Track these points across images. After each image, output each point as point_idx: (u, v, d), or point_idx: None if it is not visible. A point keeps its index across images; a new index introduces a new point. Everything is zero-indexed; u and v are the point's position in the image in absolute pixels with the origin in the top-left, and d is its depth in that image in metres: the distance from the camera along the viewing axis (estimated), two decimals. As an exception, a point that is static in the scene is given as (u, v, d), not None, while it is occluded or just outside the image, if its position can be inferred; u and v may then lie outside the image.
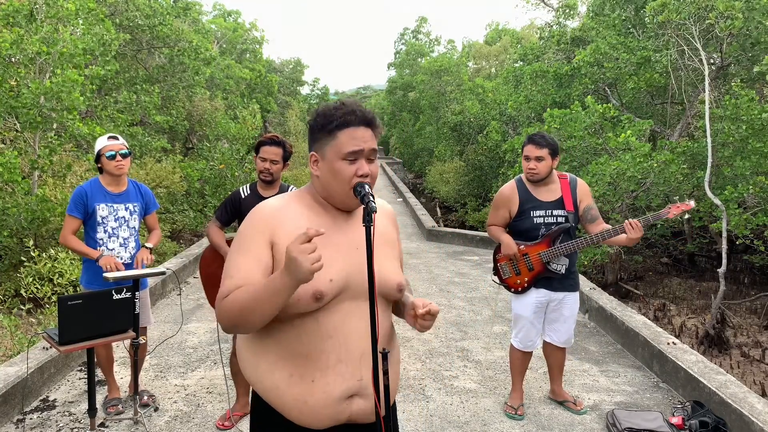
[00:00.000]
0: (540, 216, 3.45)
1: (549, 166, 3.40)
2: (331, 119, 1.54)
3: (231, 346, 3.50)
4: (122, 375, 4.23)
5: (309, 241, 1.32)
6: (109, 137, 3.48)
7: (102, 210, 3.44)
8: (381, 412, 1.43)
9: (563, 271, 3.47)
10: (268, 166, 3.33)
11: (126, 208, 3.55)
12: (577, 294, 3.60)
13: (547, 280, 3.51)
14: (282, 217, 1.55)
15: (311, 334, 1.50)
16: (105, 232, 3.46)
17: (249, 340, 1.61)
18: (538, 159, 3.37)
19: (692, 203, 3.28)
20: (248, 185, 3.48)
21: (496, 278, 3.68)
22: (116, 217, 3.50)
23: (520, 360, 3.71)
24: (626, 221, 3.19)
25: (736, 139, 6.72)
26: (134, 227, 3.60)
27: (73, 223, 3.41)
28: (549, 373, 3.87)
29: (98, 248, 3.44)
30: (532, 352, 3.70)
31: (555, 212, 3.44)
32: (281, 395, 1.52)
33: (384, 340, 1.62)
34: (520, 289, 3.54)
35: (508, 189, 3.54)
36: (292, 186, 3.53)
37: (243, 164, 12.12)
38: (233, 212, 3.45)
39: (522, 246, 3.47)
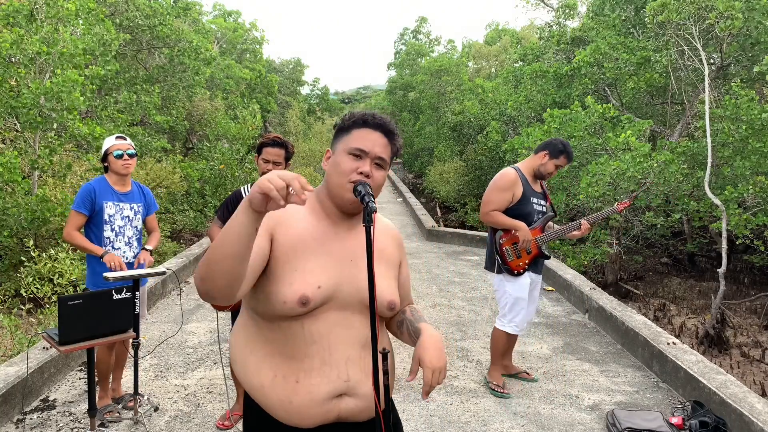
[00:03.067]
0: (536, 203, 3.78)
1: None
2: (351, 118, 1.60)
3: (231, 346, 3.49)
4: (123, 375, 4.23)
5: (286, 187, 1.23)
6: (117, 137, 3.53)
7: (109, 208, 3.46)
8: (381, 413, 1.43)
9: (547, 254, 3.87)
10: (272, 168, 3.33)
11: (131, 208, 3.58)
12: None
13: (534, 264, 3.85)
14: (286, 214, 1.59)
15: (297, 338, 1.52)
16: (112, 230, 3.49)
17: (240, 338, 1.62)
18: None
19: (628, 201, 4.01)
20: (249, 185, 3.50)
21: (499, 259, 3.82)
22: (122, 216, 3.53)
23: (508, 344, 3.96)
24: (582, 221, 3.80)
25: (736, 139, 6.72)
26: (137, 227, 3.63)
27: (78, 219, 3.42)
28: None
29: (105, 247, 3.45)
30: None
31: (542, 202, 3.84)
32: (267, 394, 1.53)
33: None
34: (521, 270, 3.78)
35: (513, 174, 3.74)
36: None
37: (243, 164, 12.12)
38: (234, 210, 3.45)
39: None
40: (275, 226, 1.56)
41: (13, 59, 6.68)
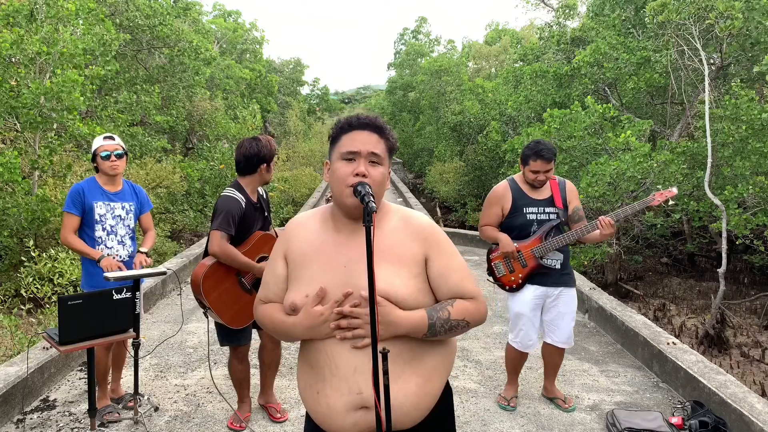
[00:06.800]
0: (533, 213, 3.55)
1: (552, 171, 3.53)
2: (336, 127, 1.65)
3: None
4: (123, 375, 4.23)
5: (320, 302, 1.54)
6: (105, 137, 3.50)
7: (99, 208, 3.44)
8: (381, 414, 1.42)
9: (557, 266, 3.55)
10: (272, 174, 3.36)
11: (123, 207, 3.55)
12: (573, 290, 3.65)
13: (542, 276, 3.57)
14: (297, 231, 1.71)
15: (310, 347, 1.61)
16: (104, 230, 3.46)
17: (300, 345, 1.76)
18: (547, 171, 3.47)
19: (675, 190, 3.45)
20: (234, 191, 3.20)
21: (490, 278, 3.72)
22: (114, 215, 3.50)
23: (517, 360, 3.76)
24: (599, 218, 3.36)
25: (735, 139, 6.72)
26: (130, 226, 3.60)
27: (72, 221, 3.39)
28: (544, 371, 3.90)
29: (97, 247, 3.43)
30: (529, 352, 3.73)
31: (547, 209, 3.56)
32: (305, 400, 1.65)
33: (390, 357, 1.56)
34: (515, 286, 3.60)
35: (501, 187, 3.63)
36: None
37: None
38: (239, 221, 3.16)
39: (516, 244, 3.54)
40: (286, 249, 1.68)
41: (13, 59, 6.69)
